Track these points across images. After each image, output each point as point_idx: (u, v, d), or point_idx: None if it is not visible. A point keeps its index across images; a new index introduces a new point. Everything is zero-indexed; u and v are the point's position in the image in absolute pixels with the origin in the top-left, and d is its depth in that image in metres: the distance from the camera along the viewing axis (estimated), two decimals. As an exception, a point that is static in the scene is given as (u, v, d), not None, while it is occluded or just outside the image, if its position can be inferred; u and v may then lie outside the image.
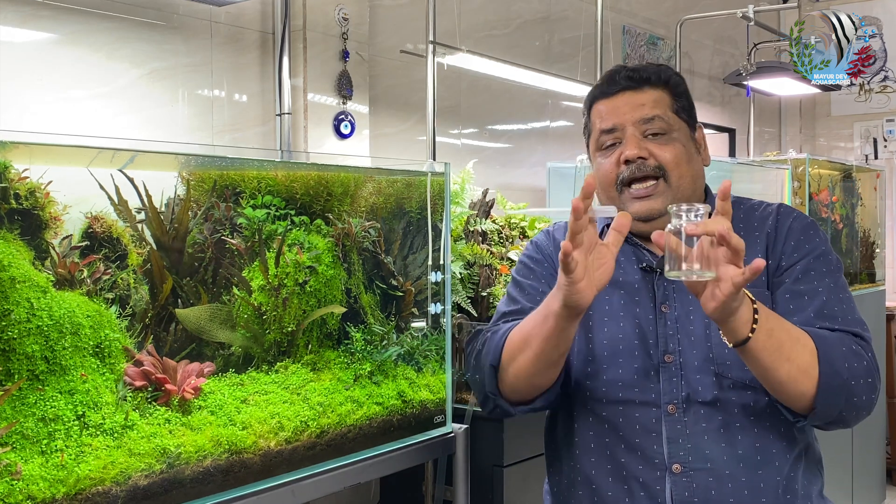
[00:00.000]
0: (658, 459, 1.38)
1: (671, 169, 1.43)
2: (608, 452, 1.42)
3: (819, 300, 1.38)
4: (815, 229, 1.48)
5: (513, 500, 2.15)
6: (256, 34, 2.59)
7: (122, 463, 1.30)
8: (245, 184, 1.65)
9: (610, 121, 1.46)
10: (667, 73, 1.49)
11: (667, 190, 1.43)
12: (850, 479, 3.75)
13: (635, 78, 1.47)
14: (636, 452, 1.40)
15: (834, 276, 1.42)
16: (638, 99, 1.46)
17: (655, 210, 1.44)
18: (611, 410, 1.43)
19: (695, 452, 1.37)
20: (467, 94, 3.36)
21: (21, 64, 2.06)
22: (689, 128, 1.49)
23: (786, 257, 1.43)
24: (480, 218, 2.65)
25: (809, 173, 3.58)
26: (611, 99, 1.48)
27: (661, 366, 1.41)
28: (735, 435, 1.37)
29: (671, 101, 1.47)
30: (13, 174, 1.28)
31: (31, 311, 1.25)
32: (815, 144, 5.91)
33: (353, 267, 1.78)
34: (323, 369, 1.68)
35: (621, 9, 4.26)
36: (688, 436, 1.37)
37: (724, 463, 1.36)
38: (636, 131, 1.44)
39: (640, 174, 1.43)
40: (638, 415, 1.40)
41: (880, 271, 4.39)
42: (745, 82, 4.03)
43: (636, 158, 1.43)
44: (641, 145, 1.43)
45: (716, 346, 1.38)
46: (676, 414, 1.38)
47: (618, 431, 1.42)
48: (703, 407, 1.38)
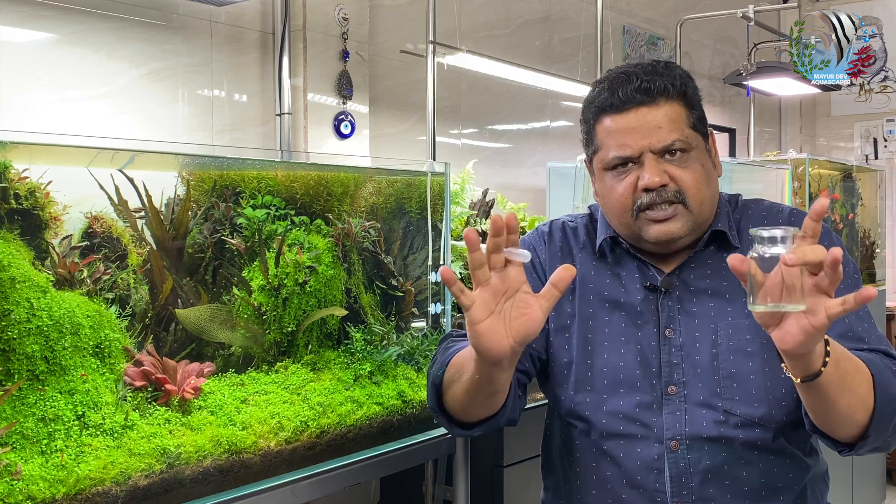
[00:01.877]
0: (660, 498, 1.33)
1: (692, 195, 1.33)
2: (609, 486, 1.37)
3: (844, 322, 1.28)
4: (831, 238, 1.36)
5: (513, 500, 2.15)
6: (256, 34, 2.59)
7: (122, 463, 1.30)
8: (245, 184, 1.65)
9: (626, 148, 1.33)
10: (681, 80, 1.36)
11: (686, 214, 1.34)
12: (850, 479, 3.75)
13: (651, 91, 1.33)
14: (638, 489, 1.35)
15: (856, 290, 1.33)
16: (654, 118, 1.33)
17: (675, 233, 1.34)
18: (611, 444, 1.37)
19: (698, 491, 1.32)
20: (467, 94, 3.36)
21: (21, 64, 2.06)
22: (703, 139, 1.38)
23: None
24: (480, 218, 2.65)
25: (809, 173, 3.58)
26: (622, 115, 1.34)
27: (665, 398, 1.34)
28: (740, 471, 1.32)
29: (687, 114, 1.35)
30: (13, 174, 1.28)
31: (31, 311, 1.25)
32: (816, 144, 5.91)
33: (353, 267, 1.78)
34: (323, 369, 1.68)
35: (621, 9, 4.26)
36: (691, 474, 1.32)
37: (729, 500, 1.32)
38: (654, 155, 1.33)
39: (660, 200, 1.32)
40: (639, 450, 1.35)
41: (880, 271, 4.40)
42: (745, 82, 4.03)
43: (658, 186, 1.32)
44: (661, 169, 1.32)
45: (724, 379, 1.32)
46: (679, 451, 1.33)
47: (619, 466, 1.36)
48: (708, 443, 1.32)
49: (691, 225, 1.35)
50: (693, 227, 1.35)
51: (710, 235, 1.40)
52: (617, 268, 1.43)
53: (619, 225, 1.39)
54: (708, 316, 1.36)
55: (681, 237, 1.35)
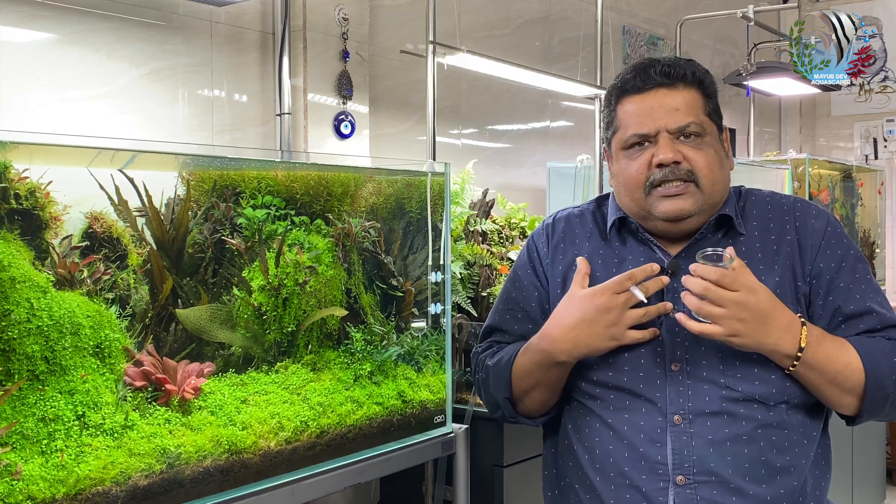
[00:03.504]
0: (662, 470, 1.35)
1: (704, 175, 1.38)
2: (611, 460, 1.39)
3: (863, 302, 1.40)
4: (835, 225, 1.45)
5: (513, 500, 2.15)
6: (256, 34, 2.59)
7: (122, 463, 1.31)
8: (245, 184, 1.65)
9: (644, 126, 1.39)
10: (700, 71, 1.44)
11: (698, 193, 1.39)
12: (850, 479, 3.74)
13: (671, 74, 1.39)
14: (640, 462, 1.37)
15: (865, 276, 1.42)
16: (672, 100, 1.39)
17: (686, 210, 1.39)
18: (616, 418, 1.40)
19: (700, 464, 1.34)
20: (467, 94, 3.36)
21: (21, 64, 2.06)
22: (718, 130, 1.44)
23: (819, 269, 1.41)
24: (480, 218, 2.65)
25: (809, 173, 3.58)
26: (643, 96, 1.40)
27: (668, 374, 1.37)
28: (742, 448, 1.34)
29: (703, 102, 1.42)
30: (13, 174, 1.28)
31: (31, 311, 1.25)
32: (815, 144, 5.91)
33: (353, 267, 1.78)
34: (323, 369, 1.68)
35: (621, 9, 4.26)
36: (693, 447, 1.34)
37: (730, 476, 1.33)
38: (670, 135, 1.39)
39: (673, 177, 1.38)
40: (643, 423, 1.37)
41: (880, 271, 4.40)
42: (745, 82, 4.03)
43: (671, 163, 1.37)
44: (675, 148, 1.38)
45: (726, 357, 1.36)
46: (682, 424, 1.35)
47: (622, 439, 1.39)
48: (710, 418, 1.35)
49: (701, 204, 1.39)
50: (703, 206, 1.40)
51: (717, 220, 1.44)
52: (624, 251, 1.47)
53: (631, 202, 1.44)
54: None
55: (690, 215, 1.40)
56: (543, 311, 1.52)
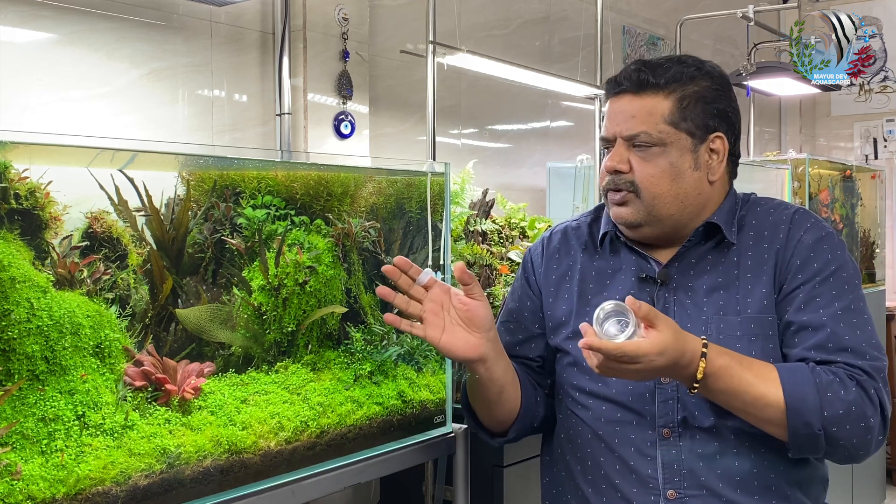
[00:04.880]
0: (652, 484, 1.35)
1: (644, 187, 1.38)
2: (603, 472, 1.40)
3: (823, 333, 1.31)
4: (829, 242, 1.39)
5: (513, 500, 2.15)
6: (256, 34, 2.59)
7: (122, 463, 1.31)
8: (245, 184, 1.65)
9: (607, 130, 1.43)
10: (686, 78, 1.40)
11: (638, 202, 1.39)
12: (850, 479, 3.74)
13: (641, 80, 1.39)
14: (631, 476, 1.37)
15: (845, 298, 1.34)
16: (632, 107, 1.39)
17: (627, 219, 1.41)
18: (607, 430, 1.40)
19: (690, 478, 1.34)
20: (467, 94, 3.36)
21: (21, 64, 2.06)
22: (692, 139, 1.39)
23: (788, 281, 1.37)
24: (480, 218, 2.65)
25: (809, 173, 3.58)
26: (613, 99, 1.43)
27: (658, 387, 1.37)
28: (732, 461, 1.34)
29: (672, 109, 1.37)
30: (13, 174, 1.28)
31: (31, 311, 1.25)
32: (815, 144, 5.91)
33: (353, 267, 1.78)
34: (323, 369, 1.68)
35: (621, 9, 4.26)
36: (683, 461, 1.34)
37: (721, 489, 1.33)
38: (624, 142, 1.40)
39: (613, 186, 1.41)
40: (633, 436, 1.38)
41: (880, 271, 4.40)
42: (745, 82, 4.03)
43: (613, 171, 1.40)
44: (624, 156, 1.39)
45: None
46: (671, 438, 1.35)
47: (613, 452, 1.39)
48: (700, 432, 1.35)
49: (644, 215, 1.40)
50: (647, 217, 1.40)
51: (705, 230, 1.42)
52: (616, 261, 1.48)
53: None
54: (700, 310, 1.39)
55: (635, 224, 1.41)
56: (537, 319, 1.55)
